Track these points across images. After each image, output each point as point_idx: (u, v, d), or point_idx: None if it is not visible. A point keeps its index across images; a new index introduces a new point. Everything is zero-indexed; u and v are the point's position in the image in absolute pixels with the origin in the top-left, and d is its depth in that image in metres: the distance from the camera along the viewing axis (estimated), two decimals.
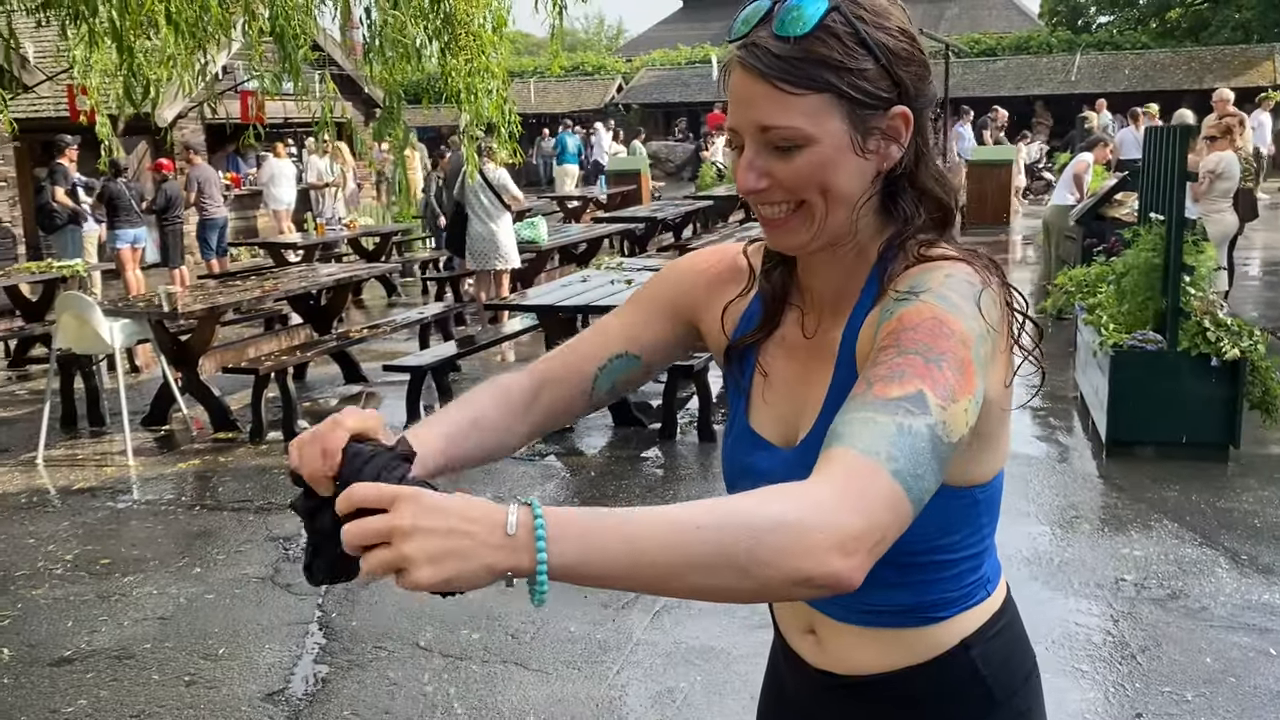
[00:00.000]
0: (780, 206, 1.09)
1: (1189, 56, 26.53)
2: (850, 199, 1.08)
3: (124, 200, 10.96)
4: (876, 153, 1.07)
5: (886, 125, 1.07)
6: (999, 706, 1.20)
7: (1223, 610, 3.78)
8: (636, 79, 31.60)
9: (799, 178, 1.06)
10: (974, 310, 1.02)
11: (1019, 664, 1.23)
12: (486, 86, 6.32)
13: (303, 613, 3.97)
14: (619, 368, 1.27)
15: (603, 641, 3.67)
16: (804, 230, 1.10)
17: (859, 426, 0.93)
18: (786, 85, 1.03)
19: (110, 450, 6.27)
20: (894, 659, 1.18)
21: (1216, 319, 5.33)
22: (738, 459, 1.23)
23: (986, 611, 1.20)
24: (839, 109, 1.04)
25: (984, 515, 1.17)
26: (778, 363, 1.21)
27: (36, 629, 3.91)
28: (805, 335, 1.19)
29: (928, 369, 0.96)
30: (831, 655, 1.23)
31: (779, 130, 1.05)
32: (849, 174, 1.07)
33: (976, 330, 1.01)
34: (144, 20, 4.23)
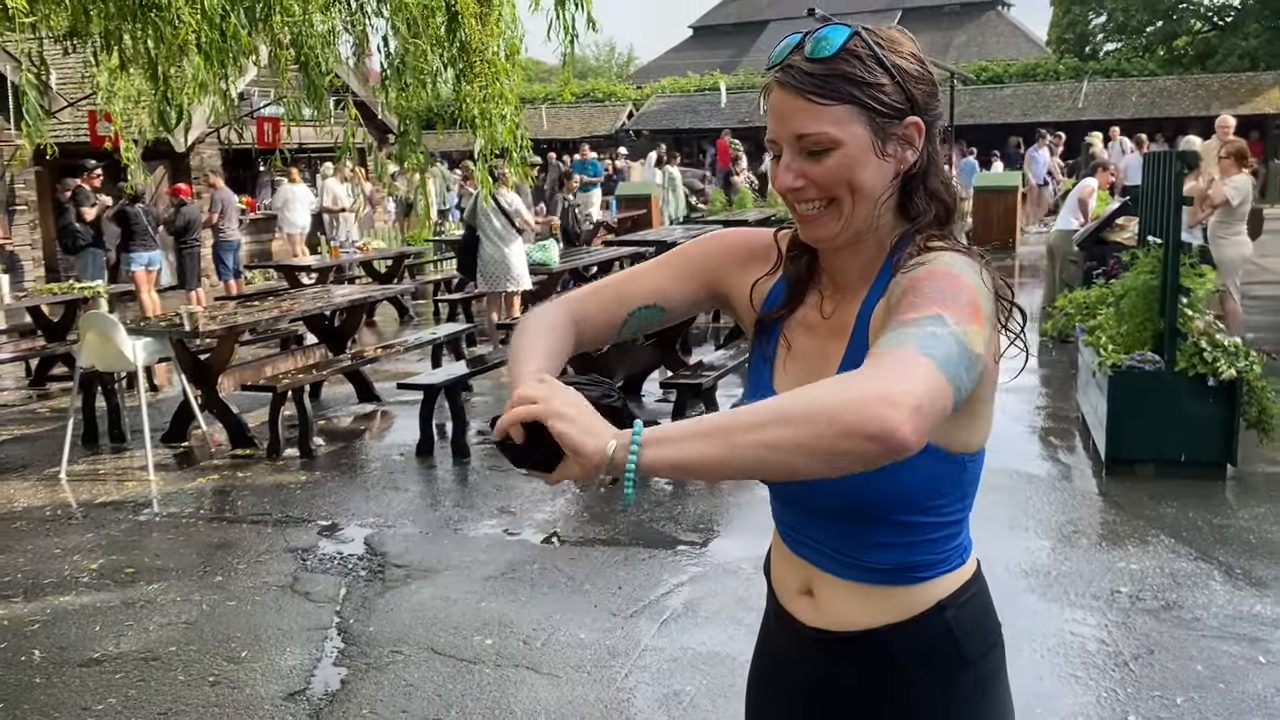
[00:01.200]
0: (814, 204, 1.28)
1: (1196, 84, 26.71)
2: (873, 195, 1.27)
3: (139, 224, 11.18)
4: (895, 156, 1.27)
5: (902, 132, 1.27)
6: (969, 665, 1.34)
7: (1214, 620, 3.89)
8: (647, 105, 31.91)
9: (830, 177, 1.25)
10: (976, 275, 1.20)
11: (988, 630, 1.38)
12: (500, 112, 6.50)
13: (321, 619, 4.10)
14: (645, 315, 1.47)
15: (612, 647, 3.79)
16: (834, 223, 1.28)
17: (892, 342, 1.08)
18: (817, 97, 1.23)
19: (131, 465, 6.42)
20: (879, 616, 1.33)
21: (1213, 339, 5.45)
22: None
23: (961, 578, 1.35)
24: (862, 118, 1.24)
25: (969, 485, 1.33)
26: (798, 338, 1.38)
27: (66, 633, 4.05)
28: (823, 316, 1.37)
29: (943, 299, 1.13)
30: (824, 613, 1.38)
31: (812, 136, 1.24)
32: (872, 173, 1.26)
33: (981, 288, 1.18)
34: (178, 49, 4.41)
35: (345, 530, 5.16)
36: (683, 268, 1.48)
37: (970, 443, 1.30)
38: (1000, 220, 16.52)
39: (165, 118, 5.21)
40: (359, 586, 4.44)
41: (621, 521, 5.13)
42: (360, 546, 4.93)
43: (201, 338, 6.64)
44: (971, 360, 1.09)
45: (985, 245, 16.26)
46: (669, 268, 1.48)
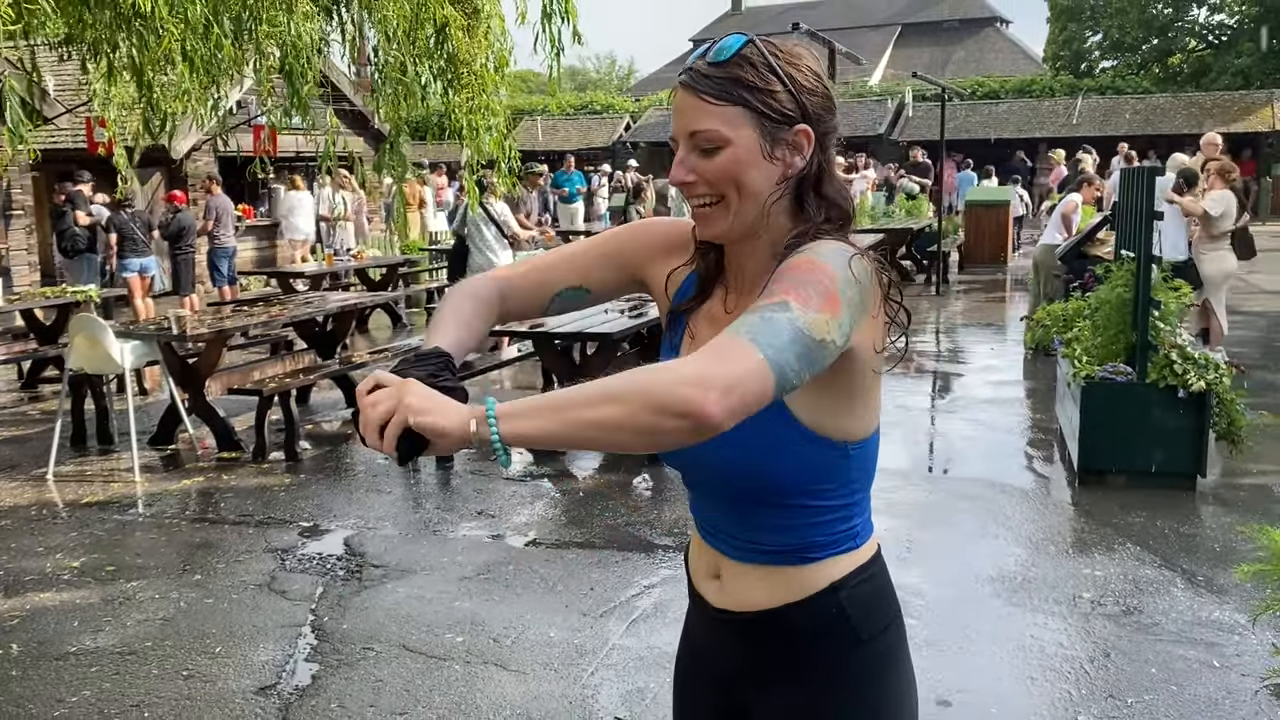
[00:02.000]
0: (704, 199, 1.36)
1: (1189, 102, 26.88)
2: (760, 195, 1.34)
3: (128, 230, 11.28)
4: (782, 160, 1.34)
5: (791, 138, 1.34)
6: (862, 644, 1.41)
7: (1173, 626, 3.96)
8: (644, 118, 32.06)
9: (718, 173, 1.33)
10: (843, 263, 1.26)
11: (882, 612, 1.44)
12: (487, 124, 6.59)
13: (296, 616, 4.17)
14: (571, 296, 1.56)
15: (580, 646, 3.86)
16: (723, 220, 1.36)
17: (730, 328, 1.18)
18: (710, 97, 1.32)
19: (118, 467, 6.49)
20: (778, 596, 1.41)
21: (1184, 352, 5.54)
22: None
23: (855, 561, 1.42)
24: (751, 120, 1.31)
25: (854, 471, 1.40)
26: (703, 329, 1.46)
27: (44, 627, 4.12)
28: (726, 310, 1.44)
29: (794, 287, 1.21)
30: (729, 594, 1.46)
31: (704, 133, 1.32)
32: (759, 174, 1.33)
33: (843, 275, 1.24)
34: (162, 57, 4.50)
35: (326, 531, 5.23)
36: (608, 253, 1.56)
37: (852, 431, 1.37)
38: (992, 236, 16.62)
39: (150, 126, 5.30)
40: (335, 586, 4.51)
41: (598, 525, 5.21)
42: (340, 547, 5.00)
43: (189, 341, 6.72)
44: (809, 346, 1.16)
45: (976, 262, 16.38)
46: (595, 251, 1.57)
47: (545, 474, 6.19)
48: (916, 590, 4.25)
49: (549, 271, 1.56)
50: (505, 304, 1.52)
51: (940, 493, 5.69)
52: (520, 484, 6.00)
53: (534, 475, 6.17)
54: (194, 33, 4.30)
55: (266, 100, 6.21)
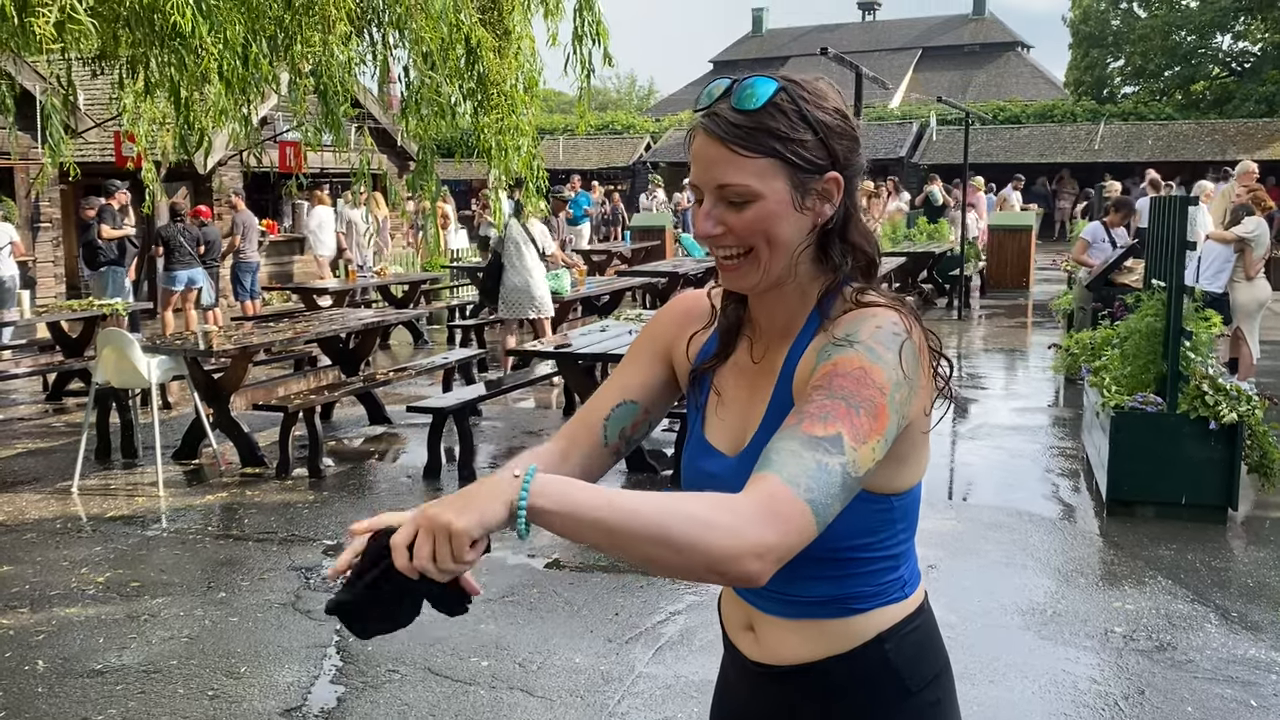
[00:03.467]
0: (732, 252, 1.31)
1: (1212, 128, 26.79)
2: (790, 247, 1.30)
3: (176, 242, 11.41)
4: (813, 210, 1.30)
5: (821, 187, 1.30)
6: (910, 696, 1.37)
7: (1208, 663, 3.90)
8: (664, 138, 32.16)
9: (748, 227, 1.29)
10: (895, 359, 1.23)
11: (930, 662, 1.40)
12: (516, 144, 6.61)
13: (321, 637, 4.16)
14: (621, 416, 1.46)
15: (606, 673, 3.83)
16: (752, 273, 1.32)
17: (787, 457, 1.15)
18: (741, 149, 1.26)
19: (142, 481, 6.51)
20: (818, 649, 1.37)
21: (1215, 383, 5.48)
22: (692, 464, 1.45)
23: (903, 611, 1.38)
24: (783, 171, 1.27)
25: (900, 521, 1.37)
26: (729, 383, 1.42)
27: (70, 644, 4.12)
28: (754, 360, 1.40)
29: (848, 413, 1.18)
30: (766, 648, 1.42)
31: (734, 187, 1.27)
32: (789, 226, 1.29)
33: (894, 379, 1.22)
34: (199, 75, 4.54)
35: None
36: (639, 356, 1.50)
37: (898, 485, 1.33)
38: (1014, 260, 16.57)
39: (186, 142, 5.35)
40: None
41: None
42: None
43: (215, 357, 6.74)
44: (853, 486, 1.17)
45: (999, 287, 16.31)
46: (629, 361, 1.51)
47: None
48: (944, 621, 4.16)
49: (594, 407, 1.47)
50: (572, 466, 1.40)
51: (966, 521, 5.64)
52: None
53: None
54: (232, 52, 4.34)
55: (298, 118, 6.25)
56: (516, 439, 7.54)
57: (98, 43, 5.49)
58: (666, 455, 6.76)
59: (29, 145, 12.54)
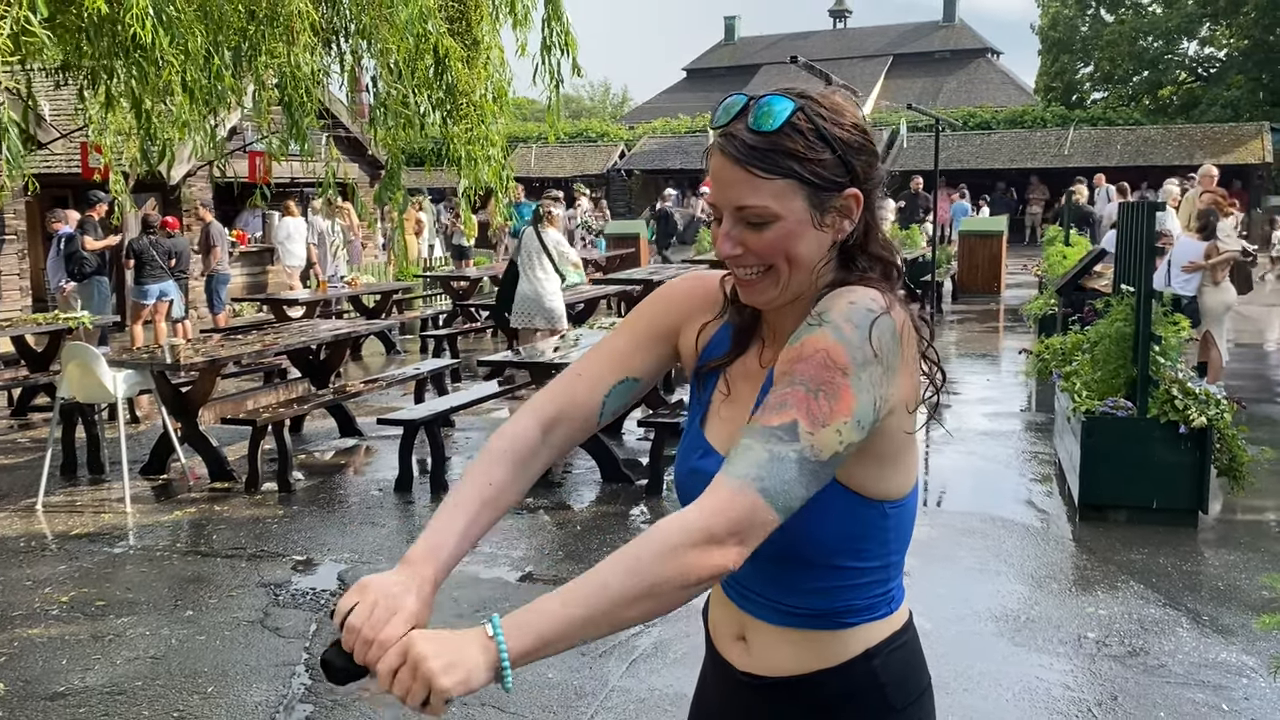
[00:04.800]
0: (752, 269, 1.31)
1: (1180, 133, 27.09)
2: (810, 264, 1.30)
3: (148, 255, 11.29)
4: (832, 226, 1.30)
5: (841, 204, 1.29)
6: (895, 713, 1.36)
7: (1180, 668, 3.91)
8: (638, 146, 32.20)
9: (768, 247, 1.28)
10: (862, 337, 1.21)
11: (915, 680, 1.40)
12: (485, 154, 6.58)
13: (290, 655, 4.10)
14: (622, 392, 1.46)
15: (579, 688, 3.79)
16: (772, 289, 1.32)
17: (739, 454, 1.16)
18: (758, 171, 1.25)
19: (109, 498, 6.41)
20: (808, 662, 1.36)
21: (1185, 388, 5.52)
22: (687, 461, 1.43)
23: (889, 627, 1.38)
24: (802, 191, 1.27)
25: (891, 531, 1.35)
26: (737, 383, 1.41)
27: (32, 665, 4.04)
28: (761, 364, 1.39)
29: (805, 399, 1.18)
30: (756, 658, 1.41)
31: (753, 209, 1.27)
32: (809, 244, 1.29)
33: (859, 358, 1.20)
34: (161, 87, 4.48)
35: (319, 566, 5.16)
36: (640, 331, 1.48)
37: (890, 490, 1.33)
38: (986, 265, 16.66)
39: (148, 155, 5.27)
40: (330, 622, 4.43)
41: (596, 559, 5.08)
42: (333, 582, 4.93)
43: (183, 370, 6.66)
44: (816, 471, 1.16)
45: (970, 292, 16.40)
46: (630, 336, 1.48)
47: (542, 506, 6.13)
48: (918, 628, 4.19)
49: (590, 379, 1.44)
50: (553, 438, 1.41)
51: (939, 527, 5.64)
52: (517, 517, 5.94)
53: (530, 508, 6.11)
54: (194, 64, 4.28)
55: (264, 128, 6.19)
56: None
57: (59, 54, 5.41)
58: (642, 464, 6.73)
59: None
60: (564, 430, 1.42)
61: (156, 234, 11.51)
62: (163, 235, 11.68)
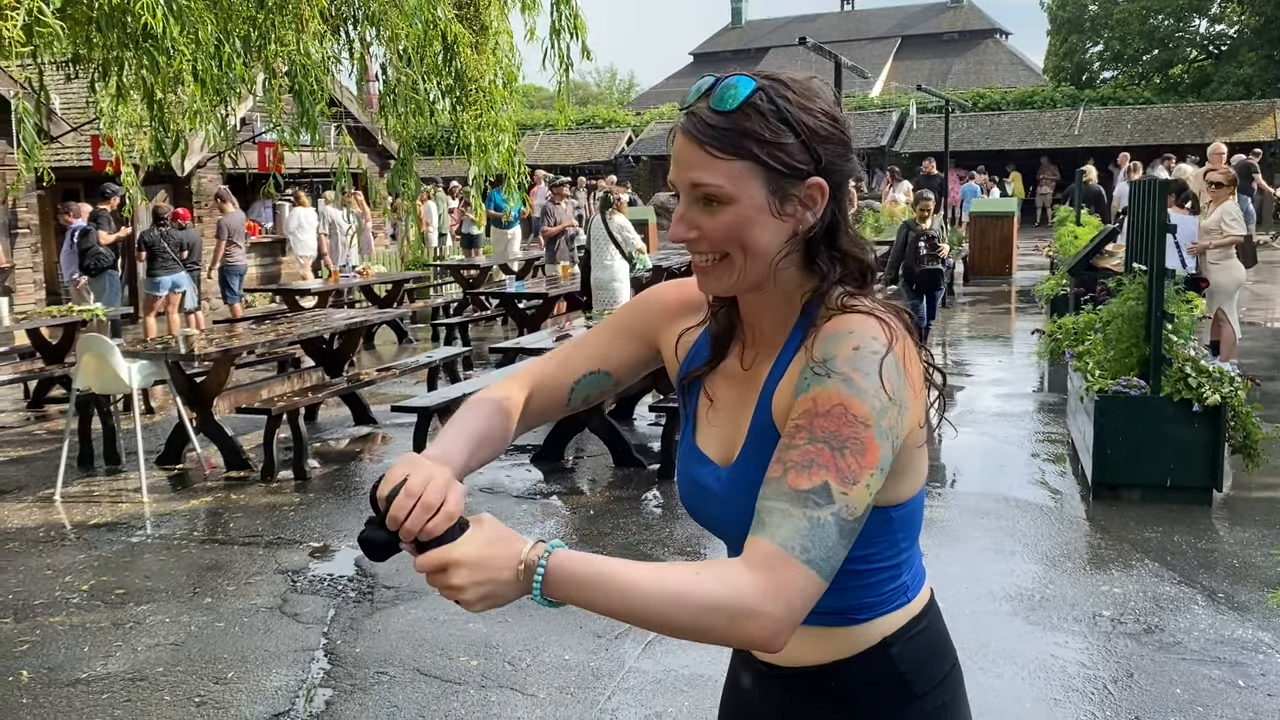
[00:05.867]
0: (706, 256, 1.27)
1: (1191, 111, 26.92)
2: (766, 254, 1.25)
3: (159, 247, 11.34)
4: (793, 216, 1.25)
5: (803, 193, 1.24)
6: (916, 699, 1.35)
7: (1196, 644, 3.91)
8: (646, 132, 32.11)
9: (721, 232, 1.24)
10: (876, 384, 1.18)
11: (937, 664, 1.39)
12: (496, 140, 6.58)
13: (309, 640, 4.13)
14: (591, 383, 1.48)
15: (596, 669, 3.82)
16: (726, 277, 1.28)
17: (779, 519, 1.14)
18: (715, 150, 1.22)
19: (125, 488, 6.46)
20: (824, 653, 1.35)
21: (1198, 365, 5.50)
22: (685, 471, 1.42)
23: (906, 615, 1.36)
24: (759, 175, 1.22)
25: (900, 531, 1.34)
26: (720, 389, 1.38)
27: (54, 653, 4.08)
28: (743, 367, 1.36)
29: (833, 457, 1.15)
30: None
31: (705, 187, 1.23)
32: (765, 232, 1.24)
33: (877, 406, 1.18)
34: (173, 77, 4.49)
35: (336, 552, 5.20)
36: (621, 330, 1.49)
37: (895, 498, 1.30)
38: (997, 247, 16.61)
39: (162, 145, 5.29)
40: (347, 608, 4.47)
41: (610, 543, 5.17)
42: (350, 568, 4.96)
43: (197, 361, 6.69)
44: (853, 529, 1.16)
45: (981, 274, 16.35)
46: (610, 333, 1.49)
47: (555, 491, 6.15)
48: None
49: (565, 361, 1.48)
50: (529, 407, 1.46)
51: (953, 508, 5.65)
52: (530, 501, 5.96)
53: (544, 493, 6.13)
54: (205, 53, 4.29)
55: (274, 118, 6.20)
56: None
57: (69, 46, 5.43)
58: (653, 449, 6.74)
59: (3, 151, 12.43)
60: (539, 400, 1.47)
61: (168, 226, 11.56)
62: (174, 227, 11.72)
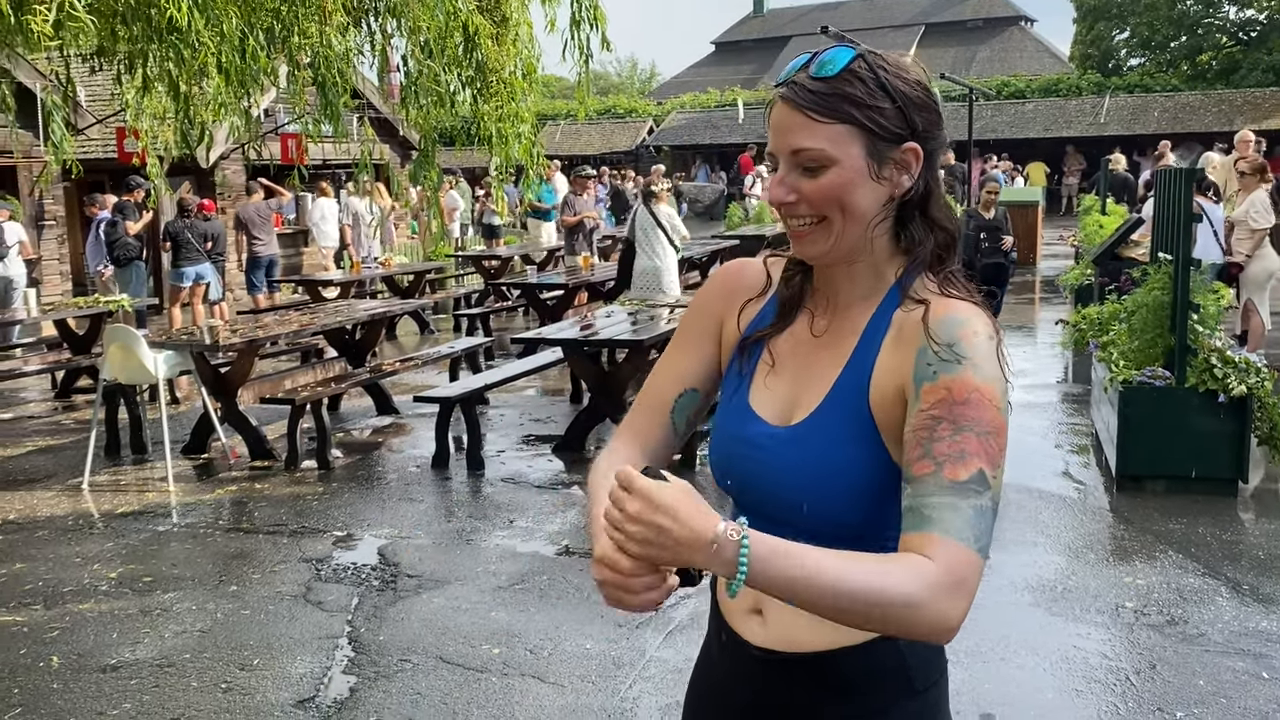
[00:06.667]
0: (805, 220, 1.29)
1: (1219, 99, 26.59)
2: (865, 217, 1.28)
3: (183, 238, 11.44)
4: (890, 180, 1.28)
5: (900, 157, 1.27)
6: (917, 695, 1.34)
7: (1219, 636, 3.89)
8: (667, 121, 32.05)
9: (822, 194, 1.27)
10: (998, 372, 1.23)
11: (936, 662, 1.37)
12: (516, 131, 6.59)
13: (333, 628, 4.18)
14: (685, 405, 1.46)
15: (617, 658, 3.84)
16: (824, 241, 1.29)
17: (948, 514, 1.16)
18: (816, 114, 1.25)
19: (152, 477, 6.53)
20: (833, 638, 1.31)
21: (1224, 356, 5.46)
22: (727, 428, 1.39)
23: None
24: (859, 139, 1.25)
25: None
26: (784, 353, 1.38)
27: (84, 639, 4.14)
28: (813, 333, 1.37)
29: (981, 445, 1.19)
30: (775, 632, 1.36)
31: (808, 152, 1.26)
32: (865, 195, 1.27)
33: (1002, 389, 1.23)
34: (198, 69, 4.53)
35: (360, 541, 5.24)
36: (688, 339, 1.47)
37: None
38: (1022, 236, 16.46)
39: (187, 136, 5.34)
40: (371, 596, 4.51)
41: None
42: (374, 557, 5.00)
43: (222, 351, 6.75)
44: (999, 508, 1.21)
45: None
46: (680, 348, 1.48)
47: (576, 481, 6.17)
48: None
49: (655, 399, 1.45)
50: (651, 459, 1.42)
51: None
52: (552, 492, 5.99)
53: (564, 483, 6.15)
54: (229, 45, 4.32)
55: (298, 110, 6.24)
56: (524, 426, 7.54)
57: (95, 39, 5.47)
58: None
59: (30, 143, 12.54)
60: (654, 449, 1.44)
61: (193, 217, 11.65)
62: (199, 218, 11.81)
